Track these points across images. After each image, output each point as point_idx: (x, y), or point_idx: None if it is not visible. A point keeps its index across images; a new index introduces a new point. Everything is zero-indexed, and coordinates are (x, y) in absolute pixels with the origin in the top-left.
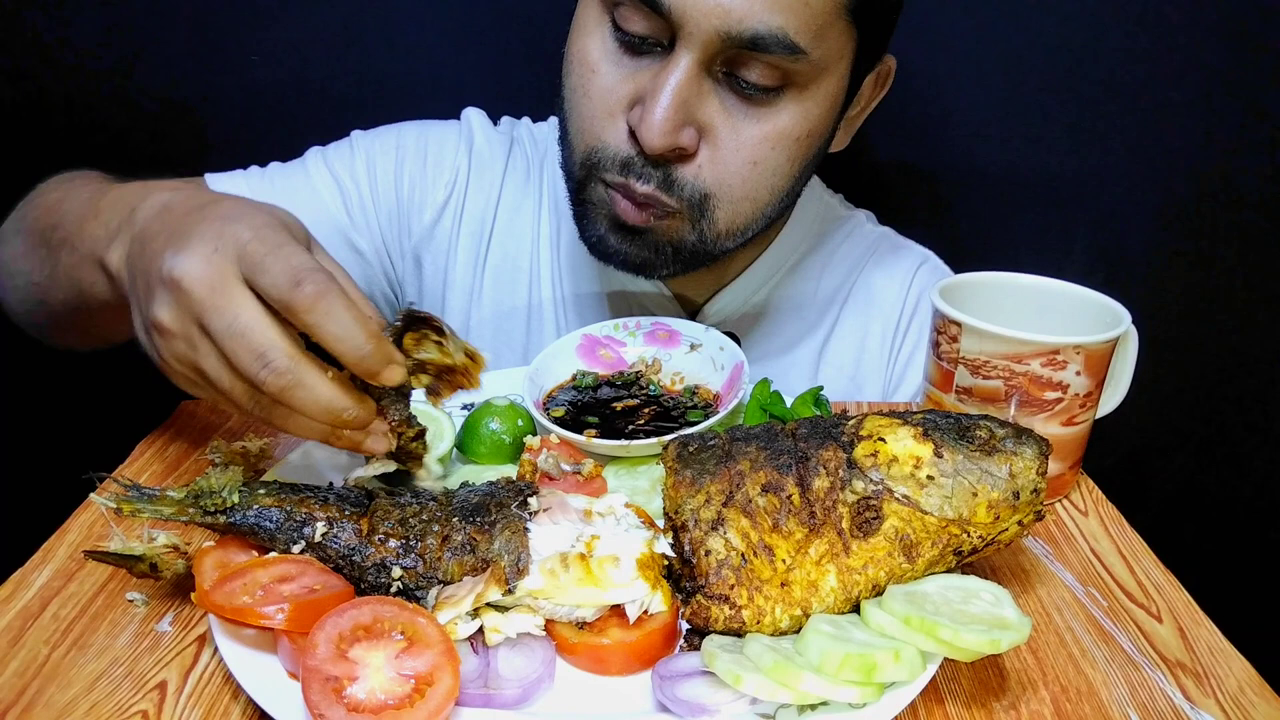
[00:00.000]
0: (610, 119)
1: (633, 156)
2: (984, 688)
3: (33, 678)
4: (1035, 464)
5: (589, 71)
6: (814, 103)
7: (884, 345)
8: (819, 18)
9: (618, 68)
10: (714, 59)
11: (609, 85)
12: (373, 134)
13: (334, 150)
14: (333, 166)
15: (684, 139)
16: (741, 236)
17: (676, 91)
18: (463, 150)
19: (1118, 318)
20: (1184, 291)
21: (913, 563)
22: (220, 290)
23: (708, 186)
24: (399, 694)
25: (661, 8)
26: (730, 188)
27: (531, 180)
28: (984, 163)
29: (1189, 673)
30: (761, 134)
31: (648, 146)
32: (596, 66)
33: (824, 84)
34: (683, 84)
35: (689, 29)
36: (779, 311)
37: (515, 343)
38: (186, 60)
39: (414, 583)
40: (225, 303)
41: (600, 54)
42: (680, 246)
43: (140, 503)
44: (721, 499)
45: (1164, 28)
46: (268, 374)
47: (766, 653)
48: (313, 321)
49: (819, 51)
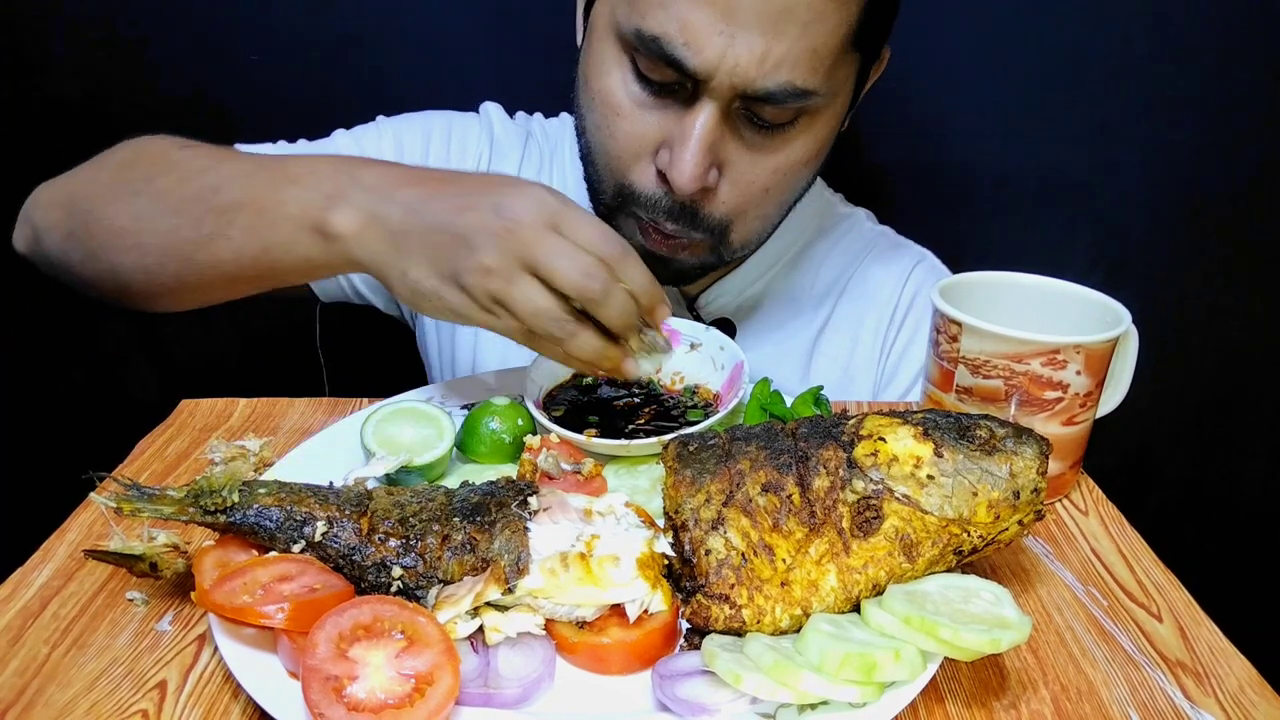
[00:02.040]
0: (637, 161)
1: (662, 197)
2: (984, 687)
3: (33, 677)
4: (1035, 463)
5: (613, 114)
6: (823, 126)
7: (877, 339)
8: (827, 60)
9: (641, 110)
10: (732, 103)
11: (635, 130)
12: (398, 119)
13: (361, 132)
14: (361, 144)
15: (711, 179)
16: (755, 245)
17: (704, 138)
18: (484, 139)
19: (1118, 317)
20: (1185, 291)
21: (913, 562)
22: (545, 230)
23: (728, 215)
24: (399, 693)
25: (687, 70)
26: (745, 213)
27: (543, 175)
28: (984, 162)
29: (1189, 672)
30: (775, 165)
31: (680, 191)
32: (620, 109)
33: (832, 107)
34: (709, 130)
35: (711, 85)
36: (774, 302)
37: None
38: (191, 58)
39: (414, 582)
40: (552, 237)
41: (623, 96)
42: (702, 266)
43: (140, 502)
44: (722, 498)
45: (1165, 27)
46: (592, 281)
47: (767, 652)
48: (619, 268)
49: (828, 87)
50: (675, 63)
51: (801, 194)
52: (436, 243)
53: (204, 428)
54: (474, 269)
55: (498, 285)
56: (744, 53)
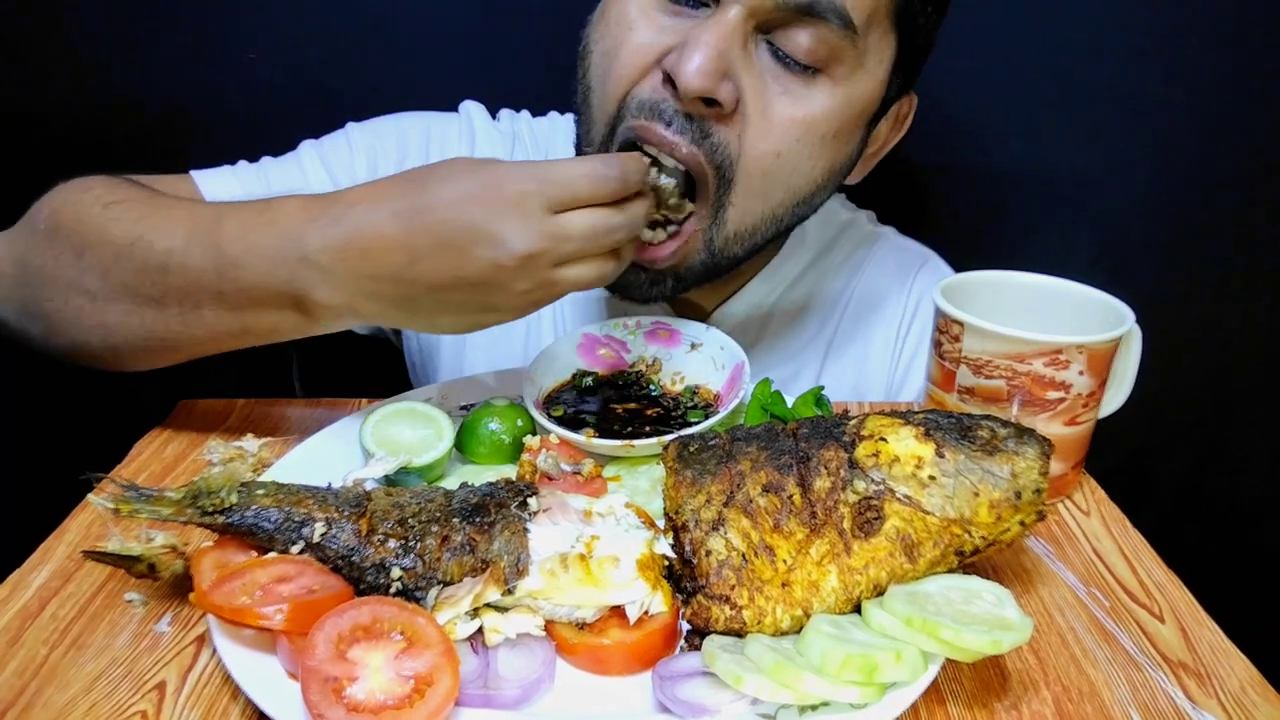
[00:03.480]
0: (642, 73)
1: (663, 102)
2: (986, 688)
3: (31, 678)
4: (1037, 464)
5: (625, 29)
6: (844, 98)
7: (886, 351)
8: (871, 2)
9: (656, 23)
10: (763, 20)
11: (645, 40)
12: (369, 126)
13: (329, 143)
14: (328, 161)
15: (723, 92)
16: (749, 240)
17: (721, 38)
18: (465, 144)
19: (1121, 317)
20: (1187, 291)
21: (914, 563)
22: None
23: (735, 158)
24: (398, 694)
25: None
26: (750, 175)
27: None
28: (986, 161)
29: (1191, 673)
30: (791, 117)
31: (684, 84)
32: (634, 23)
33: (859, 81)
34: (728, 33)
35: None
36: (782, 320)
37: (514, 343)
38: (182, 57)
39: (413, 583)
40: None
41: (639, 12)
42: (692, 267)
43: (138, 503)
44: (722, 499)
45: (1167, 26)
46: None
47: (767, 653)
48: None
49: (864, 40)
50: None
51: (812, 200)
52: (454, 300)
53: (202, 428)
54: (510, 300)
55: (539, 297)
56: None
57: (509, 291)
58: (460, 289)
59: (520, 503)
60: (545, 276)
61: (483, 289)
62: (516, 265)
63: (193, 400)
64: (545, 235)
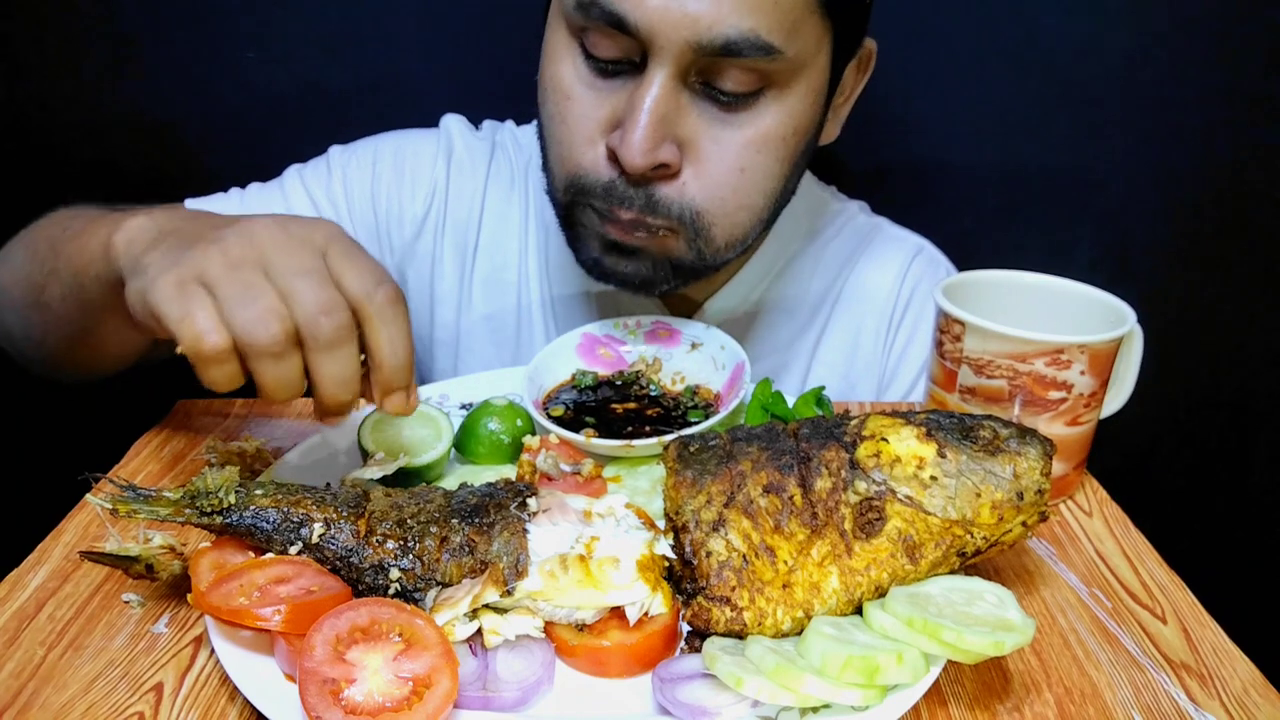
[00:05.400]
0: (589, 145)
1: (615, 180)
2: (988, 690)
3: (29, 679)
4: (1039, 464)
5: (563, 98)
6: (796, 100)
7: (877, 341)
8: (790, 14)
9: (592, 91)
10: (688, 71)
11: (585, 111)
12: (350, 150)
13: (311, 169)
14: (309, 187)
15: (665, 155)
16: (742, 245)
17: (653, 108)
18: (441, 161)
19: (1122, 317)
20: (1189, 290)
21: (916, 564)
22: (310, 248)
23: (697, 203)
24: (397, 696)
25: (629, 26)
26: (722, 200)
27: (516, 185)
28: (987, 161)
29: (1193, 674)
30: (744, 139)
31: (629, 167)
32: (570, 92)
33: (804, 80)
34: (659, 99)
35: (659, 43)
36: (772, 310)
37: (505, 346)
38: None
39: (412, 584)
40: (310, 254)
41: (573, 79)
42: (679, 263)
43: (136, 503)
44: (723, 500)
45: (1166, 26)
46: (327, 321)
47: (768, 655)
48: (378, 322)
49: (794, 49)
50: (617, 20)
51: (787, 185)
52: (191, 236)
53: (200, 429)
54: (203, 248)
55: (214, 266)
56: (692, 3)
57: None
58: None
59: (519, 503)
60: (249, 261)
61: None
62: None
63: (191, 400)
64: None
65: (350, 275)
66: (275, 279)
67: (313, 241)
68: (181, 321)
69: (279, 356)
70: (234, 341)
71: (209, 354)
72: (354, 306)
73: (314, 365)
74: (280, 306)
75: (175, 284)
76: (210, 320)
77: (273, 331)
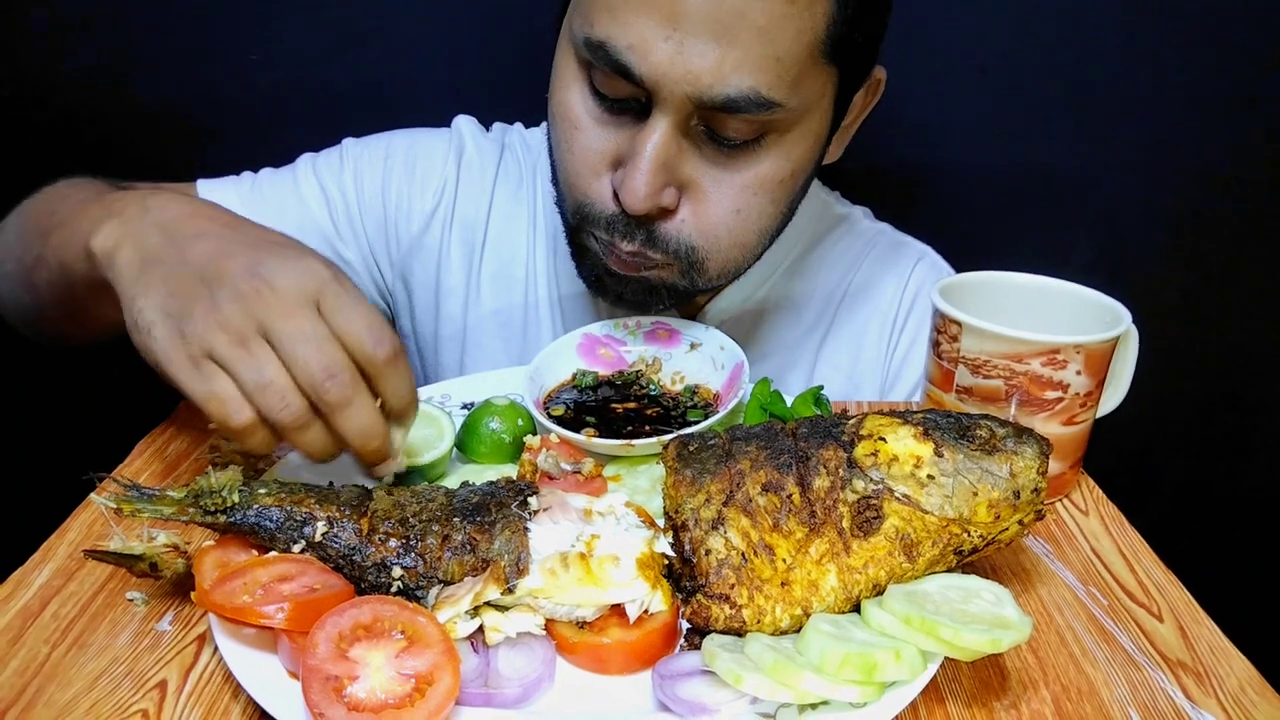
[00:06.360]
0: (595, 177)
1: (616, 216)
2: (985, 687)
3: (33, 677)
4: (1036, 463)
5: (571, 128)
6: (796, 144)
7: (880, 343)
8: (792, 69)
9: (598, 125)
10: (690, 119)
11: (591, 144)
12: (363, 143)
13: (324, 159)
14: (321, 176)
15: (665, 199)
16: (735, 275)
17: (655, 155)
18: (451, 160)
19: (1118, 317)
20: (1185, 290)
21: (913, 562)
22: (304, 304)
23: (694, 240)
24: (399, 693)
25: (634, 77)
26: (717, 238)
27: (524, 186)
28: (984, 162)
29: (1190, 672)
30: (743, 183)
31: (629, 209)
32: (578, 123)
33: (806, 124)
34: (661, 146)
35: (663, 95)
36: (776, 311)
37: (513, 341)
38: (184, 62)
39: (414, 582)
40: (305, 315)
41: (581, 110)
42: (673, 288)
43: (140, 502)
44: (722, 498)
45: (1165, 27)
46: (333, 385)
47: (767, 652)
48: (381, 381)
49: (796, 100)
50: (623, 70)
51: (784, 221)
52: (180, 279)
53: (204, 428)
54: (203, 317)
55: (221, 344)
56: (696, 60)
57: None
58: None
59: (520, 502)
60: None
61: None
62: (250, 289)
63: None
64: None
65: (349, 331)
66: (279, 347)
67: (305, 293)
68: (208, 401)
69: (304, 428)
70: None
71: (240, 430)
72: (357, 362)
73: (334, 425)
74: (293, 382)
75: (189, 361)
76: (235, 402)
77: (294, 410)
